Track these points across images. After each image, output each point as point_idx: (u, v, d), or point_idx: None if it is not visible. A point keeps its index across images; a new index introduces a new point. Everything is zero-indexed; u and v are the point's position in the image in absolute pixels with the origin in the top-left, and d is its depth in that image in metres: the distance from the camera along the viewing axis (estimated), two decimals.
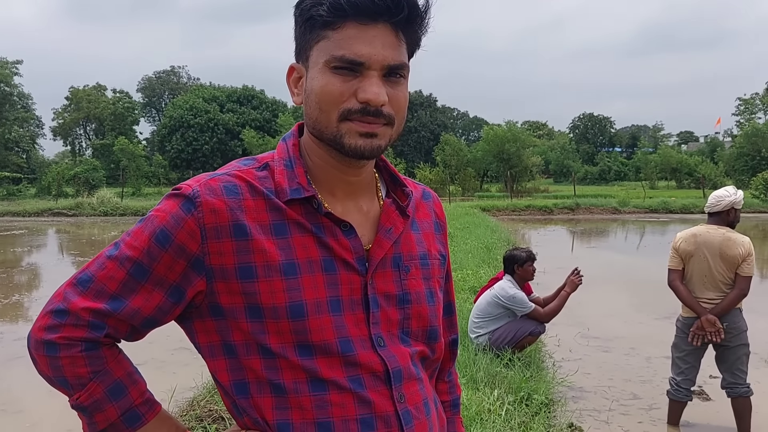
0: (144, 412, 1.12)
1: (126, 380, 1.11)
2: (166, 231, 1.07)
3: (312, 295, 1.08)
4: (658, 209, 29.00)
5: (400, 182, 1.25)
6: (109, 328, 1.08)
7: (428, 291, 1.22)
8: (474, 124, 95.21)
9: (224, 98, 59.29)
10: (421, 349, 1.20)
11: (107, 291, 1.08)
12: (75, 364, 1.07)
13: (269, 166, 1.15)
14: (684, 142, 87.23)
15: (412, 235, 1.23)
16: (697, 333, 4.43)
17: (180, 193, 1.10)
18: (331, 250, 1.11)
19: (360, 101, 1.06)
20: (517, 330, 5.54)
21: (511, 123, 47.81)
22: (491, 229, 17.11)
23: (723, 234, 4.41)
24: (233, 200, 1.09)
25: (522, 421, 4.23)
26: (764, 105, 58.65)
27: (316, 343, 1.07)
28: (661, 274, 4.84)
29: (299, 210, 1.11)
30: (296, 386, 1.07)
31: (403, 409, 1.12)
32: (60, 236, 21.40)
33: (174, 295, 1.09)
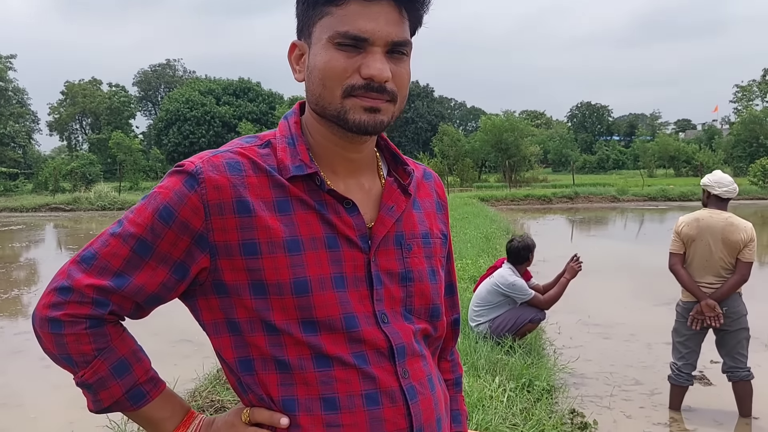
0: (148, 389, 1.12)
1: (130, 358, 1.11)
2: (170, 208, 1.07)
3: (316, 271, 1.08)
4: (657, 197, 29.02)
5: (402, 161, 1.26)
6: (113, 305, 1.08)
7: (430, 269, 1.22)
8: (472, 114, 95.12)
9: (220, 91, 59.09)
10: (424, 326, 1.20)
11: (111, 268, 1.08)
12: (79, 342, 1.07)
13: (271, 144, 1.16)
14: (682, 130, 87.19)
15: (414, 214, 1.23)
16: (696, 317, 4.43)
17: (183, 170, 1.10)
18: (334, 227, 1.11)
19: (364, 77, 1.06)
20: (518, 317, 5.53)
21: (509, 113, 47.96)
22: (490, 219, 17.12)
23: (725, 219, 4.39)
24: (236, 177, 1.09)
25: (524, 408, 4.23)
26: (762, 92, 58.60)
27: (320, 319, 1.08)
28: (660, 261, 4.84)
29: (302, 187, 1.12)
30: (301, 362, 1.08)
31: (407, 385, 1.12)
32: (58, 231, 21.37)
33: (178, 272, 1.09)
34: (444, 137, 46.97)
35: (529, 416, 4.08)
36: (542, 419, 4.04)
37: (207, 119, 55.62)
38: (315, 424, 1.07)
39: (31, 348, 6.83)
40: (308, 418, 1.07)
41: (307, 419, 1.07)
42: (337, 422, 1.07)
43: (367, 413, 1.08)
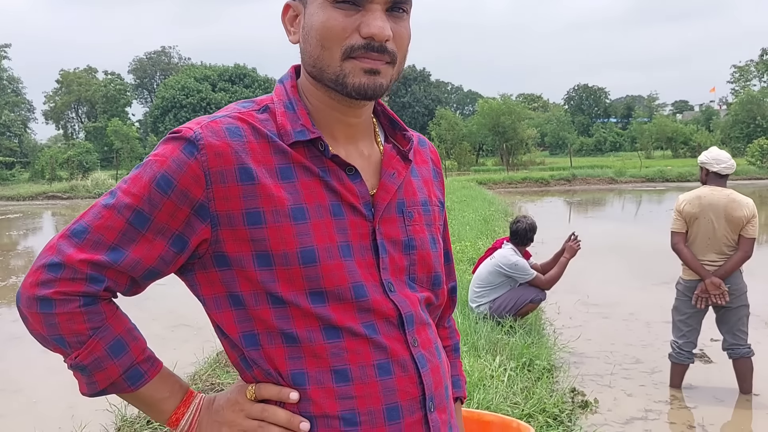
0: (146, 369, 1.07)
1: (126, 336, 1.05)
2: (168, 176, 1.01)
3: (323, 240, 1.04)
4: (655, 178, 29.04)
5: (400, 126, 1.22)
6: (109, 281, 1.02)
7: (431, 237, 1.20)
8: (468, 98, 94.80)
9: (216, 77, 58.79)
10: (427, 295, 1.18)
11: (105, 241, 1.01)
12: (73, 321, 1.01)
13: (269, 108, 1.10)
14: (679, 112, 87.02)
15: (413, 181, 1.20)
16: (701, 296, 4.40)
17: (180, 136, 1.03)
18: (338, 194, 1.07)
19: (363, 36, 1.02)
20: (518, 298, 5.52)
21: (506, 96, 47.66)
22: (488, 202, 17.12)
23: (727, 196, 4.36)
24: (237, 143, 1.03)
25: (525, 387, 4.23)
26: (759, 72, 58.41)
27: (328, 289, 1.04)
28: (658, 241, 4.82)
29: (304, 153, 1.07)
30: (309, 335, 1.04)
31: (417, 353, 1.10)
32: (56, 219, 21.33)
33: (177, 245, 1.04)
34: (441, 121, 46.84)
35: (530, 395, 4.08)
36: (543, 398, 4.04)
37: (203, 106, 55.36)
38: (327, 397, 1.03)
39: (28, 334, 6.82)
40: (320, 391, 1.03)
41: (318, 392, 1.03)
42: (350, 394, 1.04)
43: (379, 383, 1.05)
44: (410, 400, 1.07)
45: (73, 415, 4.41)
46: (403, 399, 1.06)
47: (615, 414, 4.32)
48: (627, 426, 4.16)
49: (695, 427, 4.20)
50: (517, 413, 3.74)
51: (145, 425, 3.95)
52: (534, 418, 3.77)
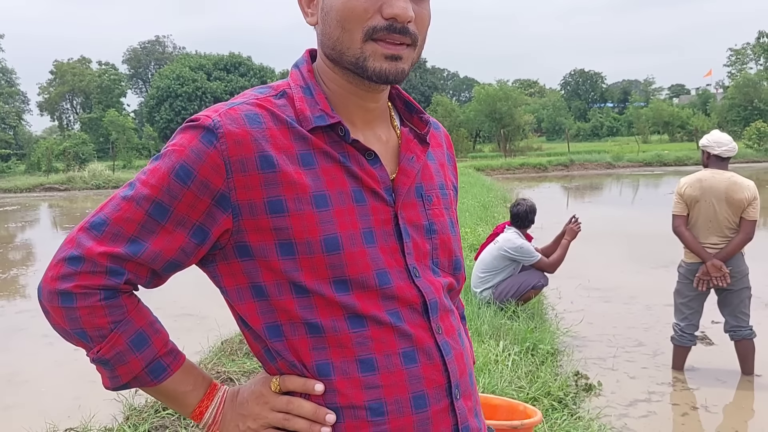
0: (169, 362, 1.06)
1: (148, 330, 1.04)
2: (187, 166, 1.00)
3: (346, 227, 1.03)
4: (652, 162, 29.09)
5: (417, 109, 1.20)
6: (129, 273, 1.01)
7: (450, 221, 1.19)
8: (465, 85, 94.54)
9: (211, 66, 58.50)
10: (450, 281, 1.17)
11: (125, 233, 1.00)
12: (94, 315, 1.00)
13: (287, 94, 1.08)
14: (675, 96, 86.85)
15: (430, 165, 1.19)
16: (702, 278, 4.43)
17: (199, 124, 1.02)
18: (360, 180, 1.06)
19: (386, 17, 1.00)
20: (521, 283, 5.55)
21: (503, 82, 47.40)
22: (487, 188, 17.13)
23: (728, 178, 4.38)
24: (257, 130, 1.02)
25: (529, 371, 4.26)
26: (756, 55, 58.25)
27: (352, 277, 1.03)
28: (657, 225, 4.84)
29: (324, 138, 1.06)
30: (334, 324, 1.02)
31: (442, 341, 1.09)
32: (53, 211, 21.28)
33: (197, 236, 1.02)
34: (438, 108, 46.69)
35: (535, 379, 4.11)
36: (547, 381, 4.07)
37: (198, 95, 55.12)
38: (353, 387, 1.02)
39: (32, 326, 6.83)
40: (345, 382, 1.02)
41: (344, 383, 1.02)
42: (376, 383, 1.02)
43: (405, 372, 1.04)
44: (436, 388, 1.06)
45: (80, 405, 4.43)
46: (429, 387, 1.05)
47: (618, 396, 4.36)
48: (630, 408, 4.20)
49: (698, 408, 4.24)
50: (523, 397, 3.78)
51: (152, 414, 3.97)
52: (539, 402, 3.81)
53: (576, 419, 3.67)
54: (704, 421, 4.11)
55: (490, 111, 43.31)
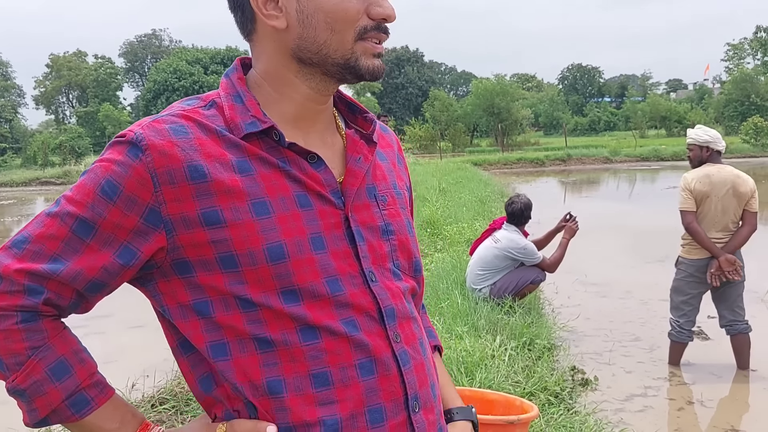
0: (93, 395, 0.97)
1: (71, 358, 0.96)
2: (112, 181, 0.95)
3: (290, 234, 0.98)
4: (650, 157, 29.10)
5: (360, 110, 1.16)
6: (49, 292, 0.94)
7: (407, 221, 1.16)
8: (462, 79, 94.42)
9: (208, 60, 58.30)
10: (411, 284, 1.13)
11: (45, 251, 0.94)
12: (10, 339, 0.93)
13: (216, 104, 1.04)
14: (673, 90, 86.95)
15: (381, 165, 1.15)
16: (715, 273, 4.42)
17: (124, 140, 0.97)
18: (303, 183, 1.01)
19: (374, 18, 1.01)
20: (519, 279, 5.54)
21: (500, 76, 47.47)
22: (484, 183, 17.12)
23: (731, 172, 4.43)
24: (183, 140, 0.97)
25: (525, 366, 4.27)
26: (753, 50, 58.28)
27: (301, 286, 0.98)
28: (653, 220, 4.85)
29: (259, 145, 1.01)
30: (285, 337, 0.97)
31: (400, 350, 1.04)
32: (49, 205, 21.24)
33: (124, 256, 0.96)
34: (435, 102, 46.70)
35: (531, 374, 4.12)
36: (544, 376, 4.08)
37: (195, 89, 54.90)
38: (306, 404, 0.97)
39: None
40: (298, 399, 0.97)
41: (296, 400, 0.97)
42: (331, 398, 0.98)
43: (362, 384, 0.99)
44: (394, 401, 1.01)
45: None
46: (387, 400, 1.01)
47: (615, 391, 4.38)
48: (627, 402, 4.22)
49: (694, 402, 4.26)
50: (519, 392, 3.78)
51: (149, 409, 3.97)
52: (536, 396, 3.81)
53: (572, 414, 3.68)
54: (700, 416, 4.12)
55: (488, 105, 43.33)
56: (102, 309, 4.73)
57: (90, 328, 6.38)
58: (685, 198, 4.47)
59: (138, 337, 5.95)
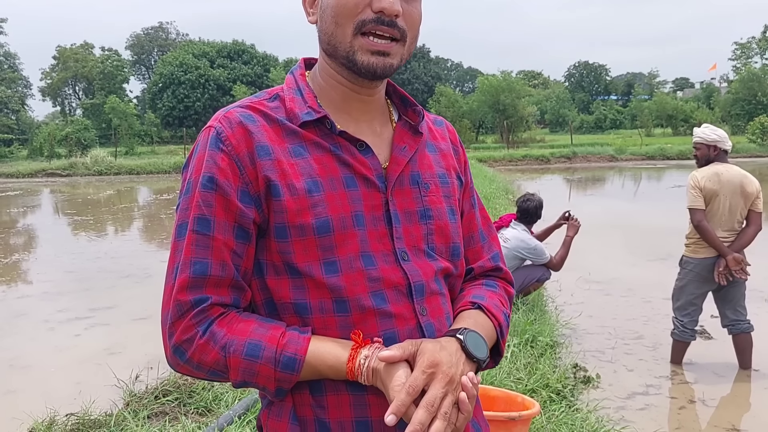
0: (293, 351, 1.04)
1: (254, 335, 1.05)
2: (207, 174, 1.08)
3: (337, 210, 1.09)
4: (655, 156, 29.02)
5: (410, 102, 1.26)
6: (213, 296, 1.06)
7: (449, 208, 1.23)
8: (468, 75, 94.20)
9: (214, 54, 58.28)
10: (446, 265, 1.20)
11: (188, 261, 1.06)
12: (204, 353, 1.05)
13: (279, 96, 1.17)
14: (680, 89, 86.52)
15: (429, 155, 1.24)
16: (723, 272, 4.42)
17: (205, 136, 1.12)
18: (351, 167, 1.12)
19: (375, 11, 1.07)
20: (525, 277, 5.56)
21: (506, 73, 47.21)
22: (489, 180, 17.11)
23: (739, 171, 4.45)
24: (252, 126, 1.11)
25: (528, 362, 4.28)
26: (761, 49, 57.98)
27: (341, 258, 1.08)
28: (658, 218, 4.86)
29: (315, 132, 1.13)
30: (322, 305, 1.08)
31: (426, 322, 1.13)
32: (55, 196, 21.31)
33: (240, 235, 1.08)
34: (441, 98, 46.56)
35: (533, 371, 4.13)
36: (546, 373, 4.09)
37: (201, 82, 54.99)
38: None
39: (34, 311, 6.87)
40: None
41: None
42: None
43: None
44: None
45: (81, 390, 4.45)
46: None
47: (616, 389, 4.39)
48: (628, 401, 4.22)
49: (695, 401, 4.26)
50: (521, 388, 3.79)
51: (152, 400, 4.00)
52: (537, 393, 3.83)
53: (574, 411, 3.69)
54: (701, 415, 4.13)
55: (494, 102, 43.19)
56: (107, 300, 4.86)
57: (95, 319, 6.43)
58: (695, 196, 4.43)
59: (142, 328, 5.98)
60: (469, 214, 1.32)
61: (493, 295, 1.26)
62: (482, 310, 1.20)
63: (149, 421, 3.71)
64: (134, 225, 14.36)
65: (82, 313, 6.63)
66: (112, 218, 14.94)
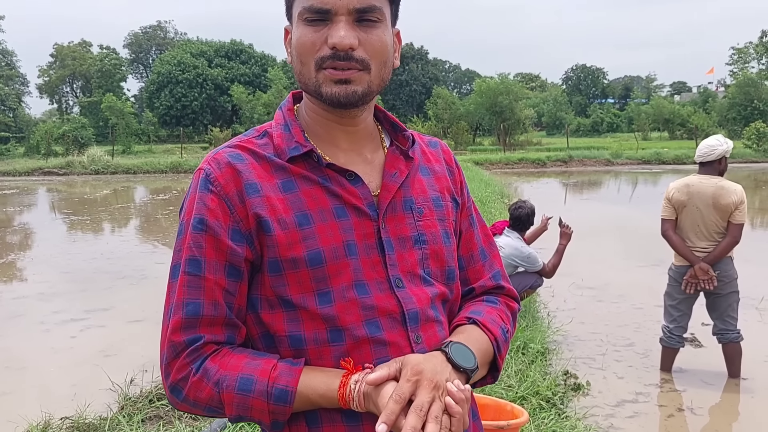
0: (285, 383, 1.07)
1: (246, 370, 1.07)
2: (198, 216, 1.11)
3: (328, 241, 1.11)
4: (651, 160, 29.10)
5: (400, 128, 1.28)
6: (206, 335, 1.09)
7: (444, 232, 1.23)
8: (466, 77, 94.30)
9: (212, 53, 58.23)
10: (442, 290, 1.21)
11: (180, 302, 1.10)
12: (199, 390, 1.08)
13: (268, 133, 1.20)
14: (677, 93, 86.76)
15: (422, 179, 1.26)
16: (690, 281, 4.50)
17: (197, 178, 1.15)
18: (341, 197, 1.14)
19: (329, 47, 1.09)
20: (519, 283, 5.60)
21: (504, 75, 47.28)
22: (485, 183, 17.14)
23: (715, 183, 4.44)
24: (240, 165, 1.14)
25: (519, 369, 4.33)
26: (758, 54, 58.12)
27: (335, 288, 1.10)
28: (652, 224, 4.90)
29: (303, 166, 1.16)
30: (316, 336, 1.11)
31: (420, 350, 1.13)
32: (52, 195, 21.29)
33: (232, 274, 1.11)
34: (438, 100, 46.60)
35: (524, 378, 4.17)
36: (536, 381, 4.14)
37: (199, 82, 54.94)
38: None
39: (29, 312, 6.89)
40: None
41: None
42: None
43: None
44: None
45: (76, 393, 4.49)
46: None
47: (606, 396, 4.43)
48: (618, 408, 4.27)
49: (684, 410, 4.31)
50: (511, 396, 3.84)
51: (147, 404, 4.04)
52: (527, 401, 3.87)
53: (563, 419, 3.74)
54: (690, 423, 4.17)
55: (491, 104, 43.23)
56: (103, 302, 4.91)
57: (90, 321, 6.46)
58: (664, 206, 4.63)
59: (138, 331, 6.01)
60: (467, 233, 1.32)
61: (491, 311, 1.27)
62: (477, 325, 1.21)
63: (144, 425, 3.75)
64: (130, 225, 14.37)
65: (77, 315, 6.65)
66: (109, 218, 14.96)
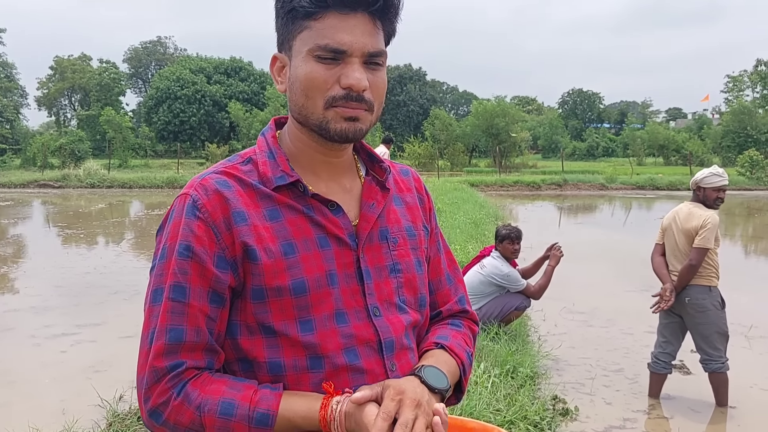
0: (266, 407, 1.09)
1: (228, 394, 1.10)
2: (184, 242, 1.13)
3: (312, 271, 1.15)
4: (645, 186, 29.22)
5: (377, 159, 1.33)
6: (188, 361, 1.11)
7: (416, 260, 1.30)
8: (463, 99, 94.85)
9: (211, 69, 58.57)
10: (415, 318, 1.27)
11: (163, 328, 1.11)
12: (180, 414, 1.09)
13: (252, 160, 1.22)
14: (672, 119, 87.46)
15: (396, 209, 1.31)
16: (657, 302, 4.69)
17: (182, 204, 1.16)
18: (324, 227, 1.18)
19: (343, 87, 1.13)
20: (504, 305, 5.64)
21: (501, 98, 47.63)
22: (479, 205, 17.19)
23: (689, 209, 4.65)
24: (227, 192, 1.16)
25: (507, 393, 4.34)
26: (752, 82, 58.69)
27: (316, 317, 1.14)
28: (646, 249, 4.97)
29: (288, 195, 1.19)
30: (295, 363, 1.14)
31: (394, 377, 1.18)
32: (47, 208, 21.25)
33: (215, 300, 1.13)
34: (435, 121, 46.89)
35: (513, 402, 4.18)
36: (525, 405, 4.15)
37: (198, 98, 55.15)
38: None
39: (20, 325, 6.86)
40: None
41: None
42: None
43: None
44: None
45: (65, 409, 4.48)
46: None
47: (594, 422, 4.44)
48: None
49: None
50: (499, 420, 3.85)
51: (135, 421, 4.03)
52: (515, 425, 3.88)
53: None
54: None
55: (488, 126, 43.51)
56: (94, 317, 4.94)
57: (82, 335, 6.44)
58: (659, 231, 4.87)
59: (129, 347, 5.99)
60: (435, 259, 1.38)
61: (457, 335, 1.34)
62: (445, 350, 1.28)
63: None
64: (124, 240, 14.35)
65: (69, 329, 6.64)
66: (103, 232, 14.93)
